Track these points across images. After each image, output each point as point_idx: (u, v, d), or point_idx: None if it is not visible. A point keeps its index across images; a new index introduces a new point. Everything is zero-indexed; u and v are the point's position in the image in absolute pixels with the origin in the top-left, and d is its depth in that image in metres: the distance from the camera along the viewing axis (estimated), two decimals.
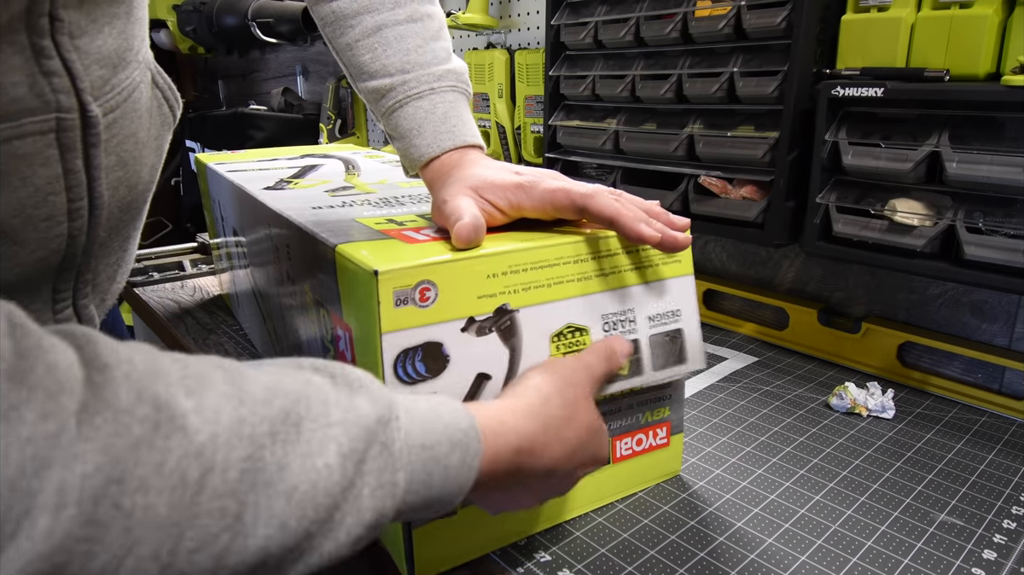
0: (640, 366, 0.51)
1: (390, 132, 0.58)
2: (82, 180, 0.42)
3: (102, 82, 0.42)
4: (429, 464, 0.34)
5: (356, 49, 0.57)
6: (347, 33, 0.57)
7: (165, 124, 0.52)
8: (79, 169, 0.41)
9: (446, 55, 0.58)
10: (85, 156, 0.42)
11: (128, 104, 0.45)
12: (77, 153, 0.41)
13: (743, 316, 0.98)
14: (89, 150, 0.41)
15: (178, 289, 1.09)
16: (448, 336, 0.44)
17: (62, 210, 0.41)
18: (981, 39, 0.64)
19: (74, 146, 0.40)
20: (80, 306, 0.48)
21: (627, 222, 0.47)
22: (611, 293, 0.50)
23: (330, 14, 0.57)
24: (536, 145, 1.28)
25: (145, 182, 0.50)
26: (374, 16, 0.56)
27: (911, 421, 0.70)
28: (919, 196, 0.69)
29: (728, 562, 0.49)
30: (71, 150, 0.40)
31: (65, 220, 0.42)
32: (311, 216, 0.56)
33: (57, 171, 0.40)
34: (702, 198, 0.86)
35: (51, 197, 0.40)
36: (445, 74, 0.57)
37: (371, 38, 0.56)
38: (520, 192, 0.50)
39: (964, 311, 0.78)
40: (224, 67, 2.67)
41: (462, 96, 0.58)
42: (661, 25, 0.86)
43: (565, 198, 0.49)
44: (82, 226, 0.43)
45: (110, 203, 0.45)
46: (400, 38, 0.56)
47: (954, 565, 0.49)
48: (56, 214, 0.41)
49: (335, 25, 0.57)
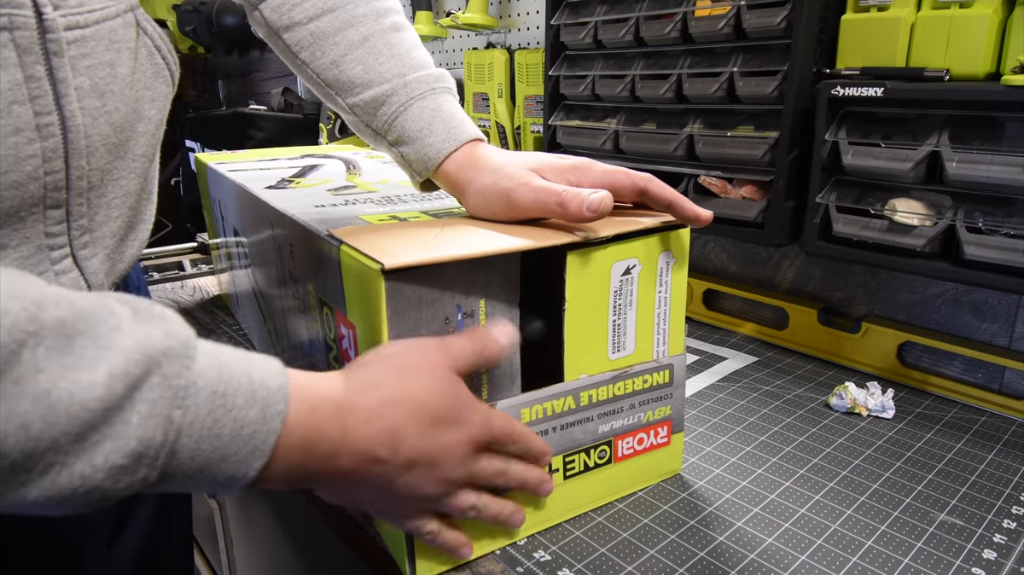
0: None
1: (394, 140, 0.57)
2: (47, 91, 0.41)
3: None
4: (218, 412, 0.32)
5: (344, 63, 0.56)
6: (330, 51, 0.56)
7: (159, 76, 0.51)
8: (41, 76, 0.40)
9: (430, 61, 0.59)
10: (48, 66, 0.41)
11: (101, 30, 0.44)
12: (37, 58, 0.40)
13: (743, 316, 0.98)
14: (51, 59, 0.41)
15: (178, 289, 1.09)
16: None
17: (29, 123, 0.40)
18: (981, 39, 0.64)
19: (32, 49, 0.40)
20: (80, 257, 0.46)
21: (685, 204, 0.51)
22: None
23: (307, 36, 0.57)
24: (536, 145, 1.28)
25: (134, 127, 0.49)
26: (358, 29, 0.56)
27: (911, 421, 0.70)
28: (919, 196, 0.69)
29: (728, 562, 0.49)
30: (29, 52, 0.39)
31: (36, 138, 0.41)
32: (314, 214, 0.56)
33: (17, 76, 0.39)
34: (702, 198, 0.86)
35: (15, 106, 0.39)
36: (440, 76, 0.58)
37: (359, 50, 0.56)
38: (578, 172, 0.51)
39: (964, 311, 0.78)
40: (224, 67, 2.67)
41: (455, 98, 0.59)
42: (661, 25, 0.87)
43: (625, 179, 0.51)
44: (56, 147, 0.42)
45: (91, 134, 0.44)
46: (388, 46, 0.57)
47: (954, 565, 0.49)
48: (23, 127, 0.40)
49: (315, 46, 0.57)
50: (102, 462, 0.29)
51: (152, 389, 0.30)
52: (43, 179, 0.42)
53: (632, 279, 0.52)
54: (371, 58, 0.56)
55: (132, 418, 0.29)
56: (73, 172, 0.44)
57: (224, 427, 0.32)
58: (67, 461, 0.28)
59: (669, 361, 0.56)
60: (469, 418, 0.43)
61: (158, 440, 0.30)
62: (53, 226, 0.44)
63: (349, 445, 0.38)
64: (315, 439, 0.36)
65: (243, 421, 0.33)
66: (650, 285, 0.53)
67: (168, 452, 0.31)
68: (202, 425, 0.32)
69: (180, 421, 0.31)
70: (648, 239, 0.52)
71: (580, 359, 0.51)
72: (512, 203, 0.51)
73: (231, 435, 0.33)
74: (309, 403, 0.36)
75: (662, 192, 0.51)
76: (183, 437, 0.31)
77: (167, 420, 0.30)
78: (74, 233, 0.46)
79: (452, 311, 0.45)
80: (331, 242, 0.48)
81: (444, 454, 0.41)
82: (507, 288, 0.47)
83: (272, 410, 0.34)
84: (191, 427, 0.31)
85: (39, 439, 0.27)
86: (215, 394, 0.32)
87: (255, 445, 0.33)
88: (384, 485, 0.40)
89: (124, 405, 0.29)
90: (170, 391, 0.30)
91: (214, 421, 0.32)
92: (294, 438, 0.35)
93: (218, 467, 0.33)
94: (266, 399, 0.34)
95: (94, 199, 0.47)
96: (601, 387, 0.53)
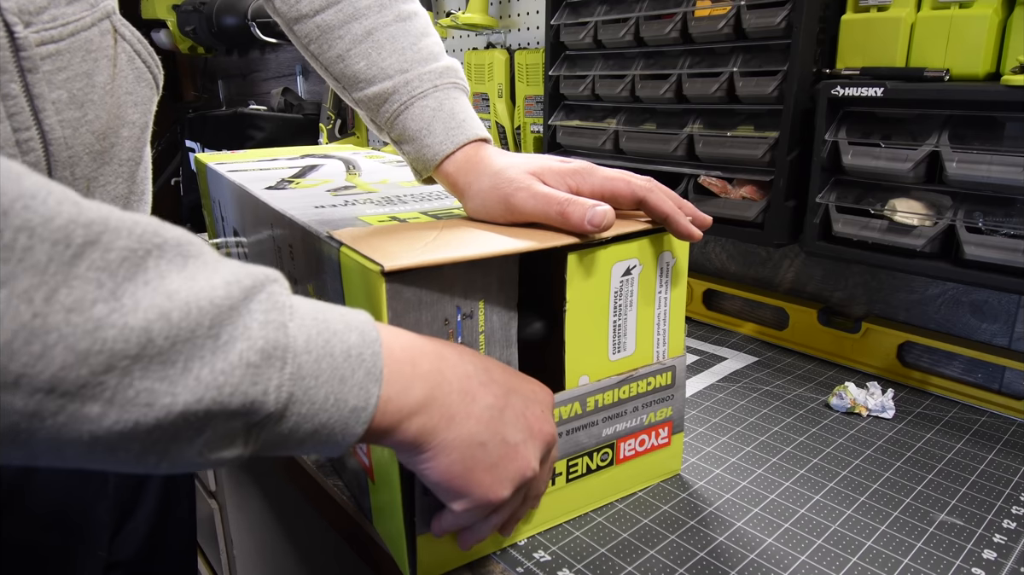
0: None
1: (396, 138, 0.57)
2: (24, 108, 0.41)
3: (35, 8, 0.41)
4: (326, 333, 0.33)
5: (349, 59, 0.56)
6: (336, 45, 0.56)
7: (141, 79, 0.51)
8: (17, 94, 0.41)
9: (439, 50, 0.58)
10: (24, 83, 0.41)
11: (76, 41, 0.44)
12: (12, 76, 0.40)
13: (743, 316, 0.98)
14: (26, 75, 0.41)
15: None
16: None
17: (9, 140, 0.41)
18: (981, 39, 0.64)
19: (6, 68, 0.40)
20: None
21: (680, 221, 0.51)
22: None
23: (314, 29, 0.57)
24: (536, 145, 1.28)
25: (118, 133, 0.49)
26: (362, 22, 0.56)
27: (911, 421, 0.70)
28: (919, 196, 0.69)
29: (728, 562, 0.49)
30: (2, 72, 0.40)
31: (17, 154, 0.41)
32: (314, 215, 0.56)
33: None
34: (702, 198, 0.86)
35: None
36: (445, 71, 0.56)
37: (363, 44, 0.56)
38: (578, 177, 0.51)
39: (964, 311, 0.78)
40: (224, 67, 2.67)
41: (463, 92, 0.58)
42: (661, 25, 0.87)
43: (626, 188, 0.51)
44: (38, 161, 0.42)
45: (73, 145, 0.44)
46: (392, 39, 0.56)
47: (954, 565, 0.49)
48: (2, 145, 0.40)
49: (322, 40, 0.57)
50: (237, 358, 0.29)
51: (263, 301, 0.31)
52: None
53: (632, 280, 0.52)
54: (374, 53, 0.56)
55: (253, 321, 0.30)
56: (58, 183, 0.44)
57: (334, 347, 0.33)
58: (207, 356, 0.29)
59: (671, 363, 0.56)
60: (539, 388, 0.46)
61: (281, 342, 0.31)
62: None
63: (446, 360, 0.39)
64: (417, 355, 0.38)
65: (348, 343, 0.34)
66: (650, 286, 0.53)
67: (292, 360, 0.31)
68: (315, 343, 0.32)
69: (295, 332, 0.32)
70: (648, 240, 0.52)
71: (581, 360, 0.51)
72: (511, 208, 0.50)
73: (343, 356, 0.33)
74: (395, 332, 0.38)
75: (659, 206, 0.50)
76: (302, 352, 0.32)
77: (283, 326, 0.31)
78: None
79: (452, 312, 0.45)
80: (331, 244, 0.48)
81: (531, 395, 0.44)
82: (506, 289, 0.47)
83: (368, 335, 0.35)
84: (307, 343, 0.32)
85: (180, 327, 0.28)
86: (316, 319, 0.33)
87: (367, 368, 0.34)
88: (495, 418, 0.41)
89: (243, 309, 0.30)
90: (279, 304, 0.32)
91: (324, 341, 0.33)
92: (397, 360, 0.36)
93: (340, 393, 0.33)
94: (360, 326, 0.35)
95: None
96: (607, 391, 0.53)
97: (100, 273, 0.27)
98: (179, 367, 0.28)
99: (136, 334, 0.27)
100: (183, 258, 0.30)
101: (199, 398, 0.29)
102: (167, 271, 0.29)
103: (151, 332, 0.27)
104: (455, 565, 0.49)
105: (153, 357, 0.27)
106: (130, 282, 0.27)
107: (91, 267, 0.26)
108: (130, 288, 0.27)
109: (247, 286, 0.31)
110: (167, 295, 0.28)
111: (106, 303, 0.26)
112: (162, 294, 0.28)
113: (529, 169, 0.51)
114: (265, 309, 0.31)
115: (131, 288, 0.27)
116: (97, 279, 0.26)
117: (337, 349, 0.33)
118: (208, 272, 0.30)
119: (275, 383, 0.31)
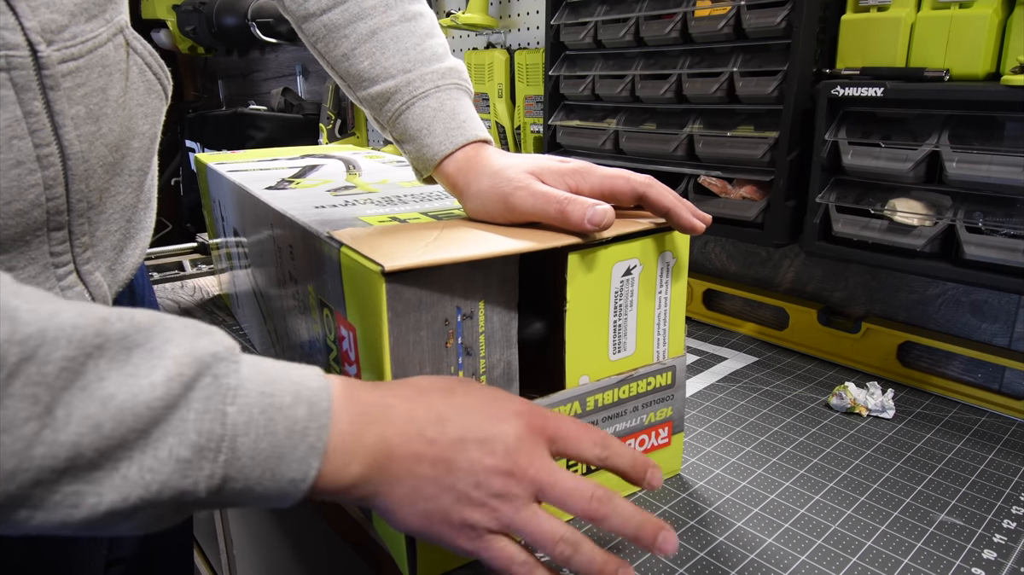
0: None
1: (398, 137, 0.57)
2: (45, 124, 0.42)
3: (57, 27, 0.42)
4: (270, 411, 0.33)
5: (353, 58, 0.57)
6: (341, 44, 0.57)
7: (151, 91, 0.52)
8: (39, 111, 0.41)
9: (444, 51, 0.58)
10: (45, 99, 0.42)
11: (94, 58, 0.45)
12: (34, 95, 0.41)
13: (743, 316, 0.98)
14: (48, 93, 0.41)
15: (178, 289, 1.09)
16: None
17: (30, 156, 0.41)
18: (981, 39, 0.64)
19: (29, 87, 0.40)
20: (83, 271, 0.48)
21: (682, 213, 0.50)
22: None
23: (321, 28, 0.57)
24: (536, 145, 1.28)
25: (129, 144, 0.49)
26: (367, 22, 0.56)
27: (911, 421, 0.70)
28: (919, 196, 0.69)
29: (728, 562, 0.49)
30: (26, 90, 0.40)
31: (37, 168, 0.42)
32: (314, 215, 0.56)
33: (16, 113, 0.40)
34: (702, 198, 0.86)
35: (15, 141, 0.40)
36: (448, 72, 0.57)
37: (368, 44, 0.56)
38: (577, 176, 0.51)
39: (964, 311, 0.78)
40: (224, 67, 2.67)
41: (465, 94, 0.58)
42: (661, 25, 0.87)
43: (626, 184, 0.51)
44: (56, 175, 0.43)
45: (89, 159, 0.45)
46: (396, 39, 0.56)
47: (954, 565, 0.49)
48: (24, 160, 0.41)
49: (328, 39, 0.57)
50: (167, 455, 0.30)
51: (205, 388, 0.31)
52: (45, 205, 0.43)
53: (633, 279, 0.52)
54: (378, 52, 0.56)
55: (190, 414, 0.31)
56: (74, 195, 0.45)
57: (277, 425, 0.33)
58: (135, 456, 0.29)
59: (671, 363, 0.56)
60: (520, 409, 0.41)
61: (216, 432, 0.31)
62: (57, 246, 0.45)
63: (393, 425, 0.37)
64: (363, 426, 0.36)
65: (294, 418, 0.33)
66: (650, 285, 0.53)
67: (228, 447, 0.31)
68: (256, 423, 0.32)
69: (235, 417, 0.32)
70: (649, 239, 0.52)
71: (581, 360, 0.51)
72: (511, 207, 0.50)
73: (285, 433, 0.33)
74: (350, 395, 0.37)
75: (660, 200, 0.50)
76: (240, 435, 0.32)
77: (222, 414, 0.31)
78: (77, 250, 0.47)
79: (452, 313, 0.45)
80: (331, 244, 0.48)
81: (495, 436, 0.39)
82: (506, 290, 0.47)
83: (318, 407, 0.35)
84: (247, 425, 0.32)
85: (111, 437, 0.28)
86: (263, 394, 0.33)
87: (310, 443, 0.34)
88: (441, 474, 0.38)
89: (181, 404, 0.30)
90: (221, 389, 0.32)
91: (268, 419, 0.33)
92: (342, 433, 0.35)
93: (278, 468, 0.33)
94: (311, 397, 0.35)
95: (94, 217, 0.48)
96: (607, 391, 0.53)
97: (36, 388, 0.27)
98: (106, 469, 0.29)
99: (66, 449, 0.28)
100: (127, 352, 0.30)
101: (125, 496, 0.29)
102: (107, 372, 0.29)
103: (80, 446, 0.28)
104: (455, 565, 0.49)
105: (81, 467, 0.28)
106: (66, 391, 0.28)
107: (27, 383, 0.27)
108: (65, 398, 0.28)
109: (189, 377, 0.31)
110: (102, 402, 0.28)
111: (39, 420, 0.27)
112: (97, 401, 0.28)
113: (528, 169, 0.51)
114: (206, 397, 0.31)
115: (66, 397, 0.28)
116: (33, 395, 0.27)
117: (280, 427, 0.33)
118: (150, 365, 0.30)
119: (206, 473, 0.31)
